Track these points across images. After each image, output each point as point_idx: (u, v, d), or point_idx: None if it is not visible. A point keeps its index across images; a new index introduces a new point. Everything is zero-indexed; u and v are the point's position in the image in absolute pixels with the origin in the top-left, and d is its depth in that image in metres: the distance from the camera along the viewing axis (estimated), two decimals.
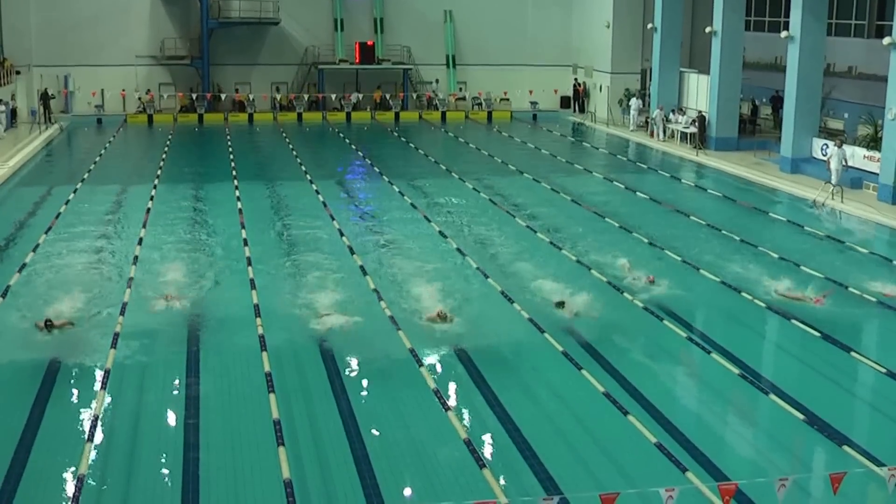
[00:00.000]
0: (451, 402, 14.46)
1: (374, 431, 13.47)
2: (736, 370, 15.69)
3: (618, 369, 15.80)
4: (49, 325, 17.03)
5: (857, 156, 31.38)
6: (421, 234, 25.12)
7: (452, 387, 15.22)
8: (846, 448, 12.93)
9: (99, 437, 13.12)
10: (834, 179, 29.36)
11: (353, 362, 16.11)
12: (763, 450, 13.58)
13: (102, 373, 15.24)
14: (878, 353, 16.67)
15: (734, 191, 31.90)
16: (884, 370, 15.73)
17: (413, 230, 25.58)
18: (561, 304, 18.56)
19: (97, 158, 37.28)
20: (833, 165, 29.48)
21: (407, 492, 12.19)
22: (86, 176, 33.30)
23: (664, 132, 41.96)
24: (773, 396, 14.68)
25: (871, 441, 13.33)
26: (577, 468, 12.72)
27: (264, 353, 15.93)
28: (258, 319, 17.69)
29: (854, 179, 30.54)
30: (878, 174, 29.75)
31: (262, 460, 12.49)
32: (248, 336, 16.91)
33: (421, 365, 15.53)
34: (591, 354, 16.52)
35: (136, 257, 21.99)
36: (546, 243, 24.18)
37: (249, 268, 21.28)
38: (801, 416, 13.97)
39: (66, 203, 28.46)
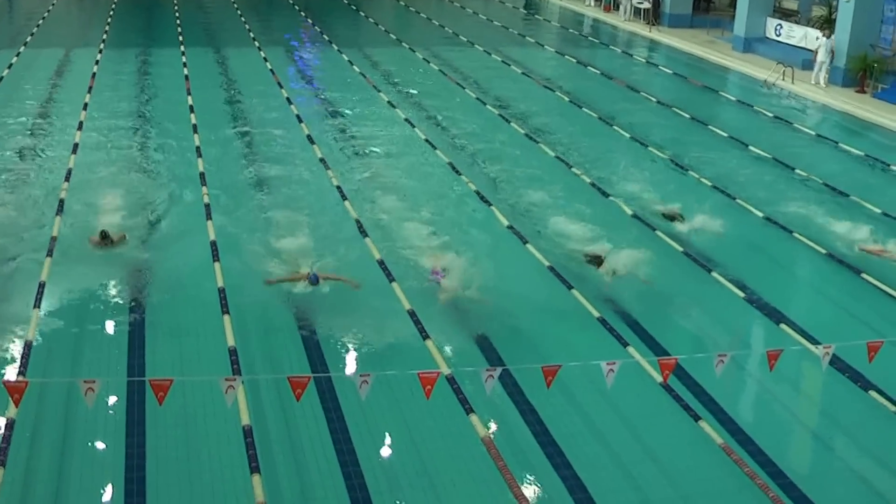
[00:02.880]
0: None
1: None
2: (680, 248, 15.88)
3: (557, 250, 15.91)
4: None
5: (810, 37, 31.25)
6: (376, 112, 24.86)
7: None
8: (783, 326, 13.23)
9: None
10: (823, 73, 28.85)
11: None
12: (704, 327, 13.84)
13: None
14: (818, 233, 16.93)
15: (686, 69, 31.77)
16: (823, 251, 16.01)
17: (369, 107, 25.27)
18: None
19: (40, 21, 36.04)
20: (820, 57, 28.90)
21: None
22: (28, 39, 32.23)
23: (628, 11, 40.77)
24: (715, 274, 14.91)
25: (807, 320, 13.63)
26: (518, 339, 12.83)
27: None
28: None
29: (805, 61, 30.50)
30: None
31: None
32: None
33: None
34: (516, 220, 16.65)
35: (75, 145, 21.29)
36: (494, 114, 24.07)
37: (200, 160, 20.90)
38: (742, 295, 14.24)
39: (9, 67, 27.62)
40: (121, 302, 13.42)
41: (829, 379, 11.96)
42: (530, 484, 9.90)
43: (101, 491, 9.59)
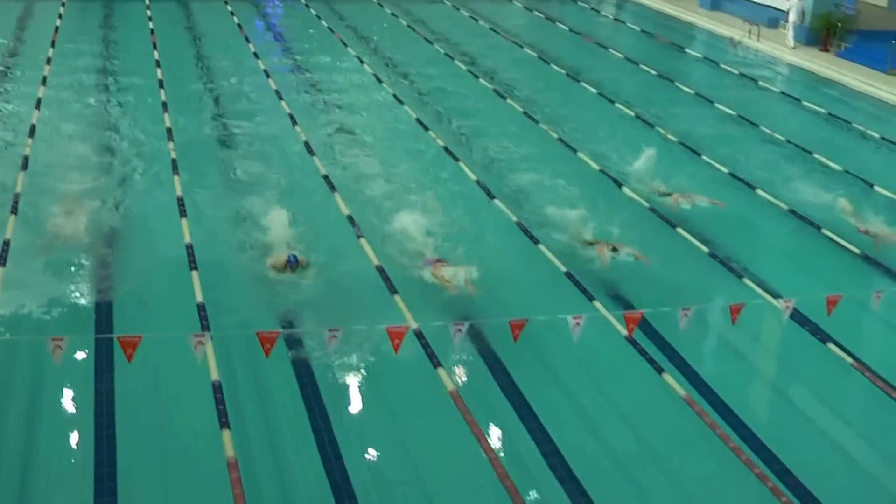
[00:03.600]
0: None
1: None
2: (646, 204, 16.04)
3: (524, 205, 16.04)
4: None
5: None
6: (343, 67, 24.75)
7: None
8: (746, 280, 13.44)
9: None
10: (791, 34, 28.83)
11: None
12: (668, 282, 13.99)
13: None
14: (781, 190, 17.14)
15: (653, 25, 31.80)
16: (785, 206, 16.23)
17: (336, 61, 25.13)
18: None
19: None
20: (791, 17, 28.87)
21: None
22: None
23: None
24: (679, 230, 15.09)
25: (768, 274, 13.84)
26: (487, 296, 12.91)
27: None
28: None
29: (771, 19, 30.60)
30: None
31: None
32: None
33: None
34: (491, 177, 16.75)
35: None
36: (462, 69, 24.06)
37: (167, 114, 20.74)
38: (706, 250, 14.44)
39: None
40: (86, 261, 13.36)
41: (789, 332, 12.20)
42: (497, 437, 10.08)
43: (71, 448, 9.64)
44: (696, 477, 9.74)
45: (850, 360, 11.63)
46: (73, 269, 13.12)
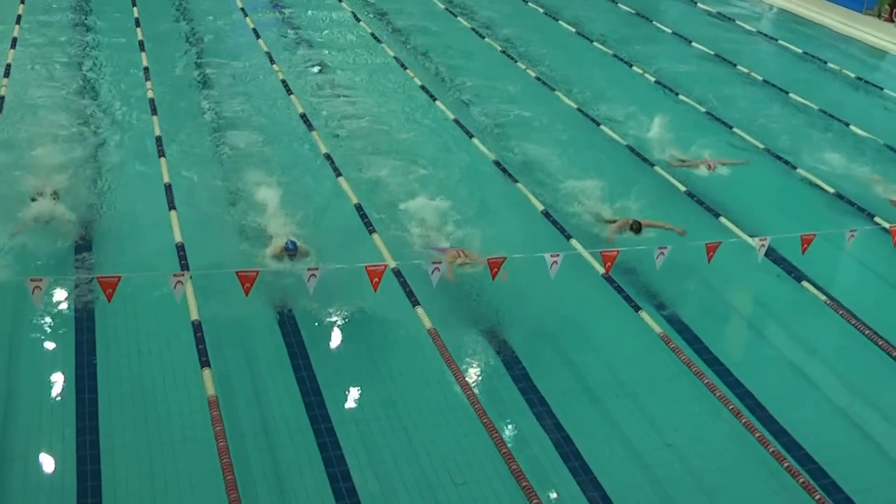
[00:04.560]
0: None
1: None
2: (623, 141, 16.07)
3: (501, 143, 16.04)
4: None
5: None
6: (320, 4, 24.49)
7: None
8: (722, 220, 13.54)
9: None
10: None
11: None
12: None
13: None
14: (758, 130, 17.19)
15: None
16: (762, 146, 16.30)
17: None
18: None
19: None
20: None
21: None
22: None
23: None
24: (657, 169, 15.15)
25: (744, 213, 13.95)
26: (463, 232, 12.90)
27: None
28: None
29: None
30: None
31: None
32: None
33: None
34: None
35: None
36: (440, 8, 23.84)
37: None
38: (683, 189, 14.51)
39: None
40: (63, 204, 13.14)
41: (764, 270, 12.32)
42: (475, 375, 10.19)
43: (51, 385, 9.65)
44: (670, 412, 9.89)
45: (823, 297, 11.79)
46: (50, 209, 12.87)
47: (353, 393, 9.88)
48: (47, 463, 8.68)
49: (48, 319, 10.53)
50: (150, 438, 8.95)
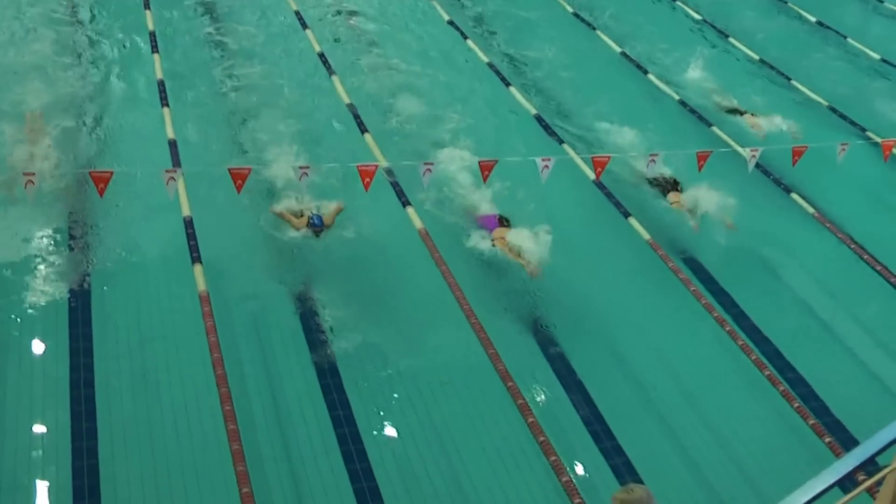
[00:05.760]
0: None
1: None
2: (617, 48, 15.98)
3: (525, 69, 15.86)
4: None
5: None
6: None
7: None
8: (714, 129, 13.53)
9: None
10: None
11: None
12: (637, 127, 13.94)
13: None
14: (757, 42, 17.08)
15: None
16: (757, 56, 16.22)
17: None
18: None
19: None
20: None
21: None
22: None
23: None
24: (651, 76, 15.08)
25: (734, 122, 13.92)
26: (459, 137, 12.89)
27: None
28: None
29: None
30: None
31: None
32: None
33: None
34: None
35: None
36: None
37: None
38: (676, 97, 14.46)
39: None
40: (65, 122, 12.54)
41: (754, 181, 12.32)
42: (466, 273, 10.13)
43: (42, 280, 9.62)
44: (655, 319, 10.02)
45: (811, 209, 11.87)
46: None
47: (344, 293, 9.86)
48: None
49: (39, 209, 10.34)
50: (143, 331, 9.01)
